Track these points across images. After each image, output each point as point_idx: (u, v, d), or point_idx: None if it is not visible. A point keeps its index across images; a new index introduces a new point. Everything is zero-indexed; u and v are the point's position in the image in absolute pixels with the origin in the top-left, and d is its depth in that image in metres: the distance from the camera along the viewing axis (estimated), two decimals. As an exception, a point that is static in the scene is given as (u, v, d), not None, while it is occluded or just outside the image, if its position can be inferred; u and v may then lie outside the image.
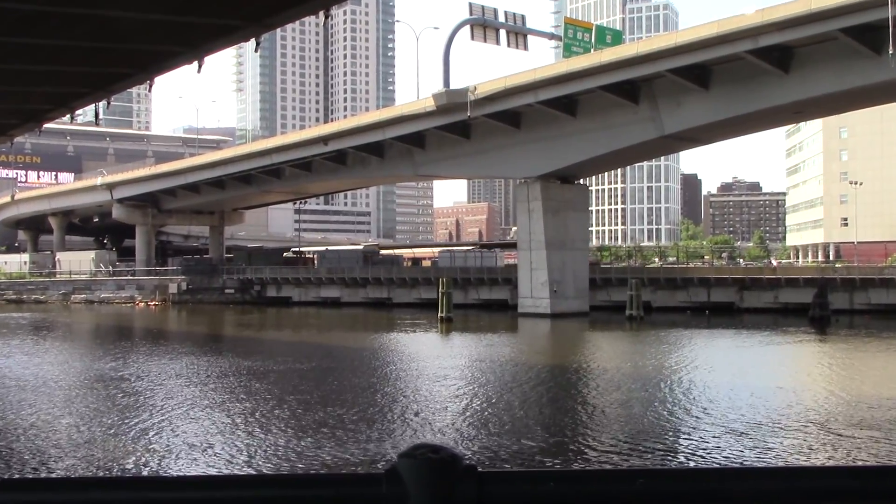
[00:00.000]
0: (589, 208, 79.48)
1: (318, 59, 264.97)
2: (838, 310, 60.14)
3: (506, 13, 67.81)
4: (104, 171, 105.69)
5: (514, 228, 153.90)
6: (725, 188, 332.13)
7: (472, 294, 75.24)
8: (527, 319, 62.50)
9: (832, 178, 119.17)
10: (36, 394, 28.14)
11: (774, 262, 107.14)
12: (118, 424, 22.46)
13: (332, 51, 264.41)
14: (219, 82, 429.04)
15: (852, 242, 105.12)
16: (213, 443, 20.29)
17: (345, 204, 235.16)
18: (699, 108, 54.81)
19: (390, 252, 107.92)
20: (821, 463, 18.29)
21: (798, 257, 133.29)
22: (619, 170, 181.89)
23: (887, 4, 43.29)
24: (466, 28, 66.05)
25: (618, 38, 75.31)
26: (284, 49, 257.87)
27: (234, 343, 51.37)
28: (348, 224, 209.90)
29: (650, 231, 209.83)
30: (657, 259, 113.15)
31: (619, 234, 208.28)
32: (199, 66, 17.11)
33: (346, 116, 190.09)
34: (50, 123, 28.31)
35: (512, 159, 65.17)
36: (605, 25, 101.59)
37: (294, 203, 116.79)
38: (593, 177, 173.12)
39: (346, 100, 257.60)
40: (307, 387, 30.26)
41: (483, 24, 66.27)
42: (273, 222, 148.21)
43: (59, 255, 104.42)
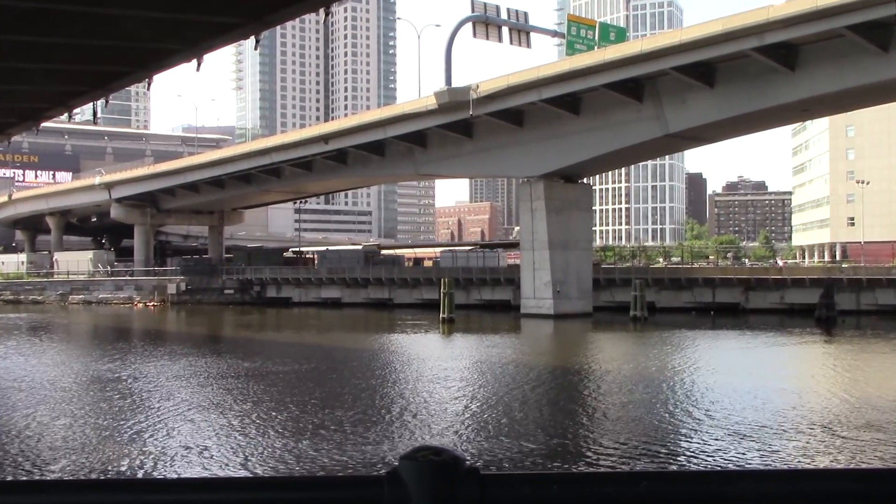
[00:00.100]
0: (592, 208, 78.95)
1: (318, 57, 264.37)
2: (845, 310, 59.83)
3: (508, 10, 67.44)
4: (102, 171, 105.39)
5: (516, 228, 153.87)
6: (731, 187, 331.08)
7: (474, 295, 74.78)
8: (529, 320, 62.14)
9: (839, 178, 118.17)
10: (32, 395, 28.00)
11: (780, 263, 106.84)
12: (114, 426, 22.39)
13: (333, 49, 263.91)
14: (218, 81, 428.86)
15: (859, 242, 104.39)
16: (209, 445, 20.24)
17: (345, 203, 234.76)
18: (704, 106, 54.39)
19: (391, 252, 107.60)
20: (824, 466, 18.37)
21: (804, 257, 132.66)
22: (623, 169, 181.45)
23: (894, 1, 42.79)
24: (468, 25, 65.66)
25: (621, 35, 74.96)
26: (284, 47, 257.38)
27: (233, 344, 51.21)
28: (349, 224, 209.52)
29: (654, 231, 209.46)
30: (661, 259, 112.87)
31: (623, 234, 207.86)
32: (199, 65, 17.19)
33: (346, 115, 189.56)
34: (47, 122, 28.28)
35: (514, 158, 64.75)
36: (608, 22, 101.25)
37: (294, 202, 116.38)
38: (597, 176, 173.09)
39: (346, 98, 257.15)
40: (307, 388, 30.13)
41: (485, 22, 65.90)
42: (273, 222, 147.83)
43: (57, 256, 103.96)
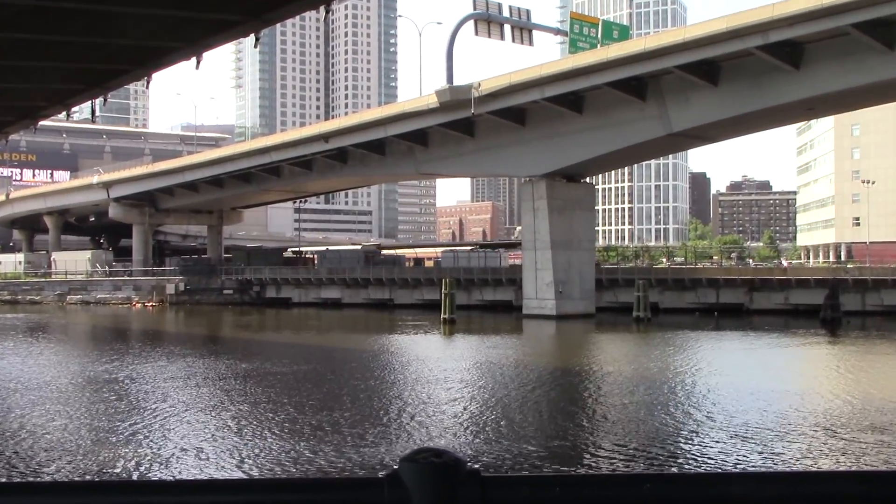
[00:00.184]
0: (595, 207, 78.46)
1: (318, 55, 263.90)
2: (850, 311, 59.60)
3: (510, 8, 67.07)
4: (100, 170, 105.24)
5: (518, 228, 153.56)
6: (735, 187, 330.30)
7: (475, 295, 74.37)
8: (531, 321, 61.78)
9: (844, 177, 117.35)
10: (28, 396, 27.91)
11: (785, 263, 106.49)
12: (110, 428, 22.35)
13: (333, 46, 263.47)
14: (217, 79, 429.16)
15: (864, 242, 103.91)
16: (206, 447, 20.19)
17: (346, 203, 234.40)
18: (708, 104, 53.98)
19: (392, 252, 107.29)
20: (827, 468, 18.44)
21: (809, 257, 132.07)
22: (626, 168, 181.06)
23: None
24: (470, 23, 65.25)
25: (625, 33, 74.52)
26: (284, 45, 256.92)
27: (231, 345, 50.99)
28: (349, 223, 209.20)
29: (658, 231, 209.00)
30: (665, 259, 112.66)
31: (627, 234, 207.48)
32: (198, 63, 17.10)
33: (347, 113, 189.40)
34: (45, 121, 28.14)
35: (516, 157, 64.33)
36: (611, 20, 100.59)
37: (294, 202, 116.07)
38: (600, 175, 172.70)
39: (347, 97, 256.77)
40: (305, 390, 30.02)
41: (487, 20, 65.48)
42: (272, 222, 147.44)
43: (55, 255, 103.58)
